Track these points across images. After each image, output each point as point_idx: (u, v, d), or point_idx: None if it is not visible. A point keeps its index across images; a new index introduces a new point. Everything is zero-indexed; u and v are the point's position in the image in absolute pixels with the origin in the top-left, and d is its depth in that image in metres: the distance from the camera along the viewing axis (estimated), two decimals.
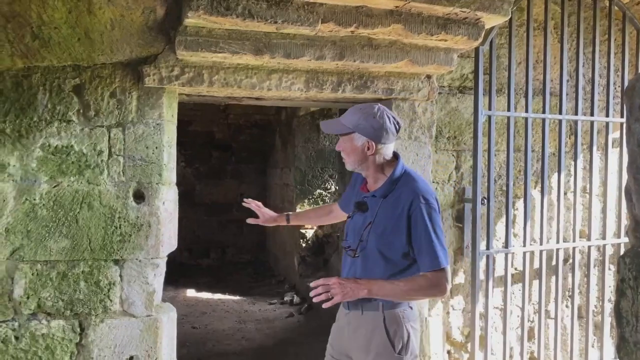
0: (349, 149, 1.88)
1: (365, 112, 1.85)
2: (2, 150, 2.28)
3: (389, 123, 1.85)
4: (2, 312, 2.30)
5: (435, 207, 1.81)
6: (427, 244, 1.76)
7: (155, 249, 2.43)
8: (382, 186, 1.87)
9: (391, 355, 1.81)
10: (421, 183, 1.85)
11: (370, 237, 1.84)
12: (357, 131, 1.85)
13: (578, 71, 3.01)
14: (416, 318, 1.90)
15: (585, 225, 3.27)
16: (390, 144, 1.89)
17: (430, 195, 1.83)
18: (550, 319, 3.25)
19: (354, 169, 1.94)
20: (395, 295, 1.78)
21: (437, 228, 1.79)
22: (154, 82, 2.38)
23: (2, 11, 2.09)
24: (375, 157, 1.87)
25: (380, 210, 1.84)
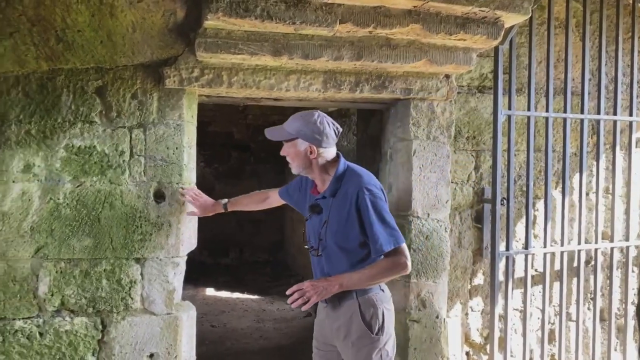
0: (293, 154, 2.05)
1: (306, 119, 2.01)
2: (27, 151, 2.33)
3: (329, 129, 2.01)
4: (27, 308, 2.35)
5: (379, 195, 1.96)
6: (371, 231, 1.92)
7: (175, 248, 2.47)
8: (329, 186, 2.03)
9: (369, 337, 1.97)
10: (365, 176, 2.00)
11: (327, 235, 2.01)
12: (299, 137, 2.01)
13: (600, 70, 2.96)
14: (389, 299, 2.06)
15: (607, 226, 3.21)
16: (331, 148, 2.04)
17: (374, 185, 1.98)
18: (571, 321, 3.21)
19: (299, 173, 2.10)
20: (363, 282, 1.94)
21: (383, 214, 1.93)
22: (174, 83, 2.41)
23: (28, 15, 2.15)
24: (318, 160, 2.03)
25: (332, 208, 2.01)
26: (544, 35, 2.91)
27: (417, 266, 2.81)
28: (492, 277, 2.82)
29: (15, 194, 2.32)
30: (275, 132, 2.09)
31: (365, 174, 2.02)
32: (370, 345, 1.98)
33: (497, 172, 2.76)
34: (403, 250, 1.94)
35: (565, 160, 2.91)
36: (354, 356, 2.00)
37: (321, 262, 2.08)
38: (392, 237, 1.93)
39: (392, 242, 1.92)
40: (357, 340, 1.98)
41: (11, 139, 2.32)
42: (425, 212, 2.80)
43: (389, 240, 1.92)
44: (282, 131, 2.06)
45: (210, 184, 7.63)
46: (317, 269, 2.11)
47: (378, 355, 1.98)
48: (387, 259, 1.94)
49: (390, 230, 1.93)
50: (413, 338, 2.80)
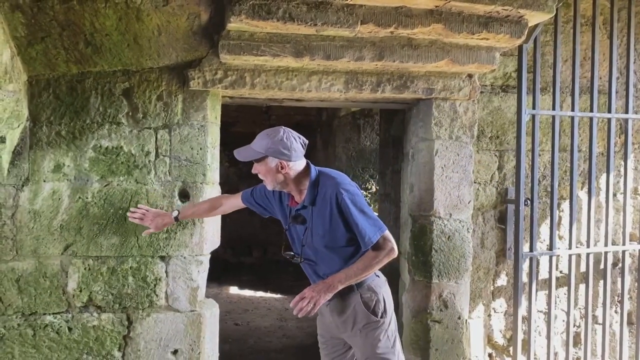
0: (265, 171, 2.10)
1: (272, 137, 2.06)
2: (57, 151, 2.41)
3: (296, 143, 2.08)
4: (57, 304, 2.43)
5: (355, 192, 2.05)
6: (357, 228, 2.00)
7: (199, 246, 2.51)
8: (307, 195, 2.09)
9: (375, 321, 2.08)
10: (338, 177, 2.08)
11: (314, 240, 2.09)
12: (269, 155, 2.05)
13: (629, 68, 2.90)
14: (384, 282, 2.17)
15: (635, 227, 3.14)
16: (300, 160, 2.10)
17: (348, 184, 2.06)
18: (597, 324, 3.15)
19: (274, 188, 2.14)
20: (360, 274, 2.01)
21: (363, 209, 2.02)
22: (199, 85, 2.46)
23: (58, 20, 2.22)
24: (290, 174, 2.08)
25: (314, 215, 2.08)
26: (570, 33, 2.87)
27: (439, 266, 2.80)
28: (515, 278, 2.79)
29: (46, 193, 2.40)
30: (244, 153, 2.13)
31: (338, 175, 2.11)
32: (377, 329, 2.08)
33: (520, 173, 2.72)
34: (387, 237, 2.03)
35: (592, 160, 2.86)
36: (363, 342, 2.10)
37: (312, 268, 2.17)
38: (376, 227, 2.01)
39: (377, 232, 2.01)
40: (364, 327, 2.08)
41: (42, 140, 2.40)
42: (447, 213, 2.79)
43: (375, 232, 2.00)
44: (250, 151, 2.10)
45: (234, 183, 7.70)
46: (312, 275, 2.19)
47: (385, 336, 2.09)
48: (375, 248, 2.02)
49: (373, 221, 2.02)
50: (434, 339, 2.79)
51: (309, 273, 2.21)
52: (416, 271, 2.86)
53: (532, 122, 2.77)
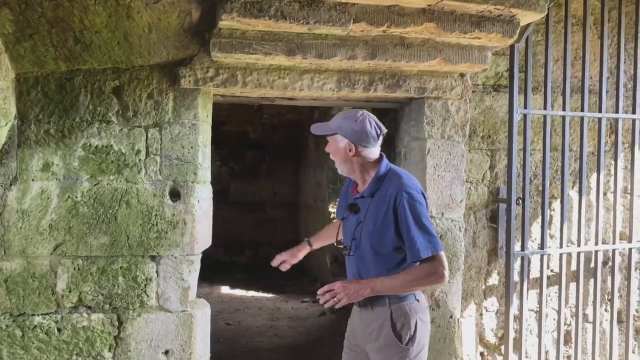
0: (334, 150, 2.03)
1: (348, 116, 1.99)
2: (46, 150, 2.38)
3: (370, 127, 1.97)
4: (46, 304, 2.40)
5: (418, 199, 1.90)
6: (408, 236, 1.86)
7: (190, 246, 2.49)
8: (369, 186, 1.99)
9: (398, 346, 1.91)
10: (405, 178, 1.96)
11: (362, 235, 1.97)
12: (339, 133, 1.98)
13: (619, 68, 2.92)
14: (424, 310, 1.99)
15: (625, 226, 3.17)
16: (373, 147, 2.00)
17: (413, 188, 1.92)
18: (588, 322, 3.17)
19: (342, 172, 2.06)
20: (396, 288, 1.88)
21: (421, 219, 1.87)
22: (190, 83, 2.44)
23: (47, 17, 2.19)
24: (359, 159, 1.99)
25: (369, 209, 1.96)
26: (561, 33, 2.88)
27: None
28: (507, 277, 2.80)
29: (35, 192, 2.37)
30: (319, 127, 2.08)
31: (406, 177, 1.98)
32: (398, 355, 1.91)
33: (512, 172, 2.73)
34: (441, 259, 1.87)
35: (583, 159, 2.87)
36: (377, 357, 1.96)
37: (354, 264, 2.04)
38: (431, 244, 1.85)
39: (431, 248, 1.85)
40: (385, 347, 1.93)
41: (30, 139, 2.37)
42: (439, 212, 2.79)
43: (427, 247, 1.85)
44: (324, 126, 2.05)
45: (225, 182, 7.68)
46: (350, 270, 2.07)
47: None
48: (423, 266, 1.86)
49: (429, 237, 1.86)
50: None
51: (348, 268, 2.08)
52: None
53: (523, 122, 2.78)
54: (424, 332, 1.96)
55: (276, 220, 7.87)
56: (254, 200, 7.80)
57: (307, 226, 7.35)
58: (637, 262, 3.24)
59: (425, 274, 1.86)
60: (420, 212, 1.88)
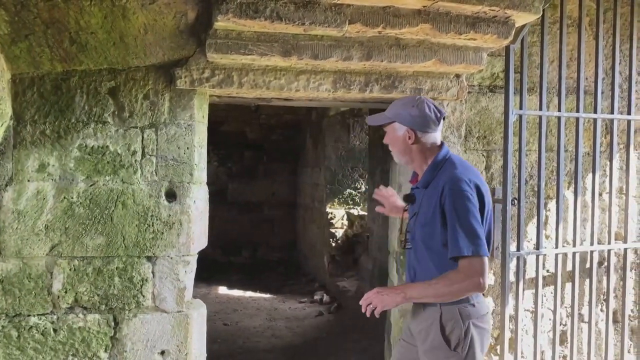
0: (392, 140, 1.94)
1: (404, 102, 1.92)
2: (42, 151, 2.38)
3: (429, 111, 1.88)
4: (42, 305, 2.40)
5: (467, 194, 1.76)
6: (450, 232, 1.75)
7: (186, 246, 2.50)
8: (423, 176, 1.90)
9: (446, 350, 1.82)
10: (459, 168, 1.83)
11: (416, 228, 1.89)
12: (396, 120, 1.90)
13: (614, 69, 2.93)
14: (482, 316, 1.86)
15: (621, 227, 3.18)
16: (433, 133, 1.90)
17: (465, 181, 1.78)
18: (583, 322, 3.17)
19: (399, 161, 1.98)
20: (430, 296, 1.79)
21: (466, 215, 1.73)
22: (186, 84, 2.44)
23: (42, 18, 2.19)
24: (418, 147, 1.89)
25: (423, 200, 1.87)
26: (557, 34, 2.89)
27: None
28: (502, 277, 2.80)
29: (30, 193, 2.38)
30: (375, 118, 2.00)
31: (461, 166, 1.85)
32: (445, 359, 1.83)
33: (508, 172, 2.74)
34: (480, 264, 1.72)
35: (578, 160, 2.88)
36: None
37: (410, 258, 1.97)
38: (472, 245, 1.71)
39: (469, 248, 1.71)
40: (433, 350, 1.84)
41: (26, 139, 2.37)
42: None
43: (467, 246, 1.71)
44: (380, 116, 1.97)
45: (223, 183, 7.69)
46: (408, 265, 1.99)
47: None
48: (459, 270, 1.74)
49: (472, 237, 1.72)
50: None
51: (408, 265, 1.99)
52: (403, 270, 2.86)
53: (519, 122, 2.79)
54: (478, 338, 1.83)
55: (274, 220, 7.89)
56: (251, 201, 7.81)
57: (304, 226, 7.36)
58: (633, 262, 3.25)
59: (460, 280, 1.73)
60: (467, 208, 1.74)
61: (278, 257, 7.72)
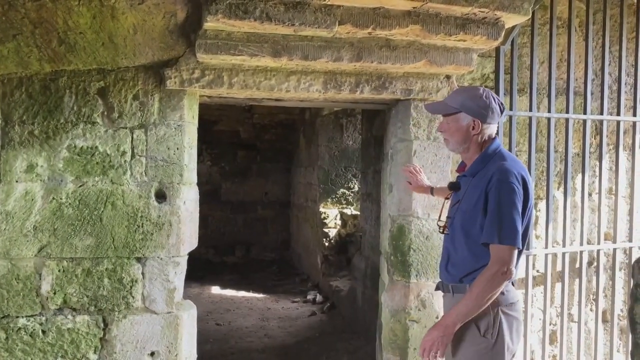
0: (454, 129, 1.94)
1: (471, 93, 1.92)
2: (30, 151, 2.37)
3: (495, 103, 1.91)
4: (30, 306, 2.39)
5: (513, 186, 1.79)
6: (490, 218, 1.79)
7: (176, 247, 2.49)
8: (472, 165, 1.94)
9: (475, 336, 1.84)
10: (509, 161, 1.87)
11: (457, 215, 1.93)
12: (463, 110, 1.91)
13: (604, 70, 2.95)
14: (512, 304, 1.88)
15: (610, 227, 3.19)
16: (494, 125, 1.94)
17: (512, 174, 1.81)
18: (573, 322, 3.19)
19: (454, 150, 2.00)
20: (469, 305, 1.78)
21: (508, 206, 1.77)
22: (175, 84, 2.44)
23: (30, 18, 2.17)
24: (479, 137, 1.92)
25: (468, 188, 1.91)
26: (547, 35, 2.90)
27: (417, 266, 2.81)
28: None
29: (19, 194, 2.36)
30: (437, 106, 2.02)
31: (511, 159, 1.89)
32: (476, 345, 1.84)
33: None
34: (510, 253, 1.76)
35: (568, 160, 2.89)
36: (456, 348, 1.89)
37: (446, 243, 2.00)
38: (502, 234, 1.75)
39: (496, 237, 1.75)
40: (463, 335, 1.85)
41: (15, 140, 2.36)
42: (425, 213, 2.80)
43: (494, 235, 1.76)
44: (444, 105, 1.97)
45: (216, 182, 7.67)
46: (444, 250, 2.02)
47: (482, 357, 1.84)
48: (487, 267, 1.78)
49: (508, 229, 1.75)
50: (413, 338, 2.80)
51: (444, 252, 2.02)
52: (395, 271, 2.87)
53: (509, 123, 2.80)
54: (507, 326, 1.85)
55: (267, 220, 7.88)
56: (245, 200, 7.80)
57: (298, 226, 7.36)
58: (622, 262, 3.27)
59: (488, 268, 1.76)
60: (510, 200, 1.78)
61: (271, 257, 7.71)
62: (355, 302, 4.66)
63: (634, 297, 1.31)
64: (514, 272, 1.78)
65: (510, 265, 1.75)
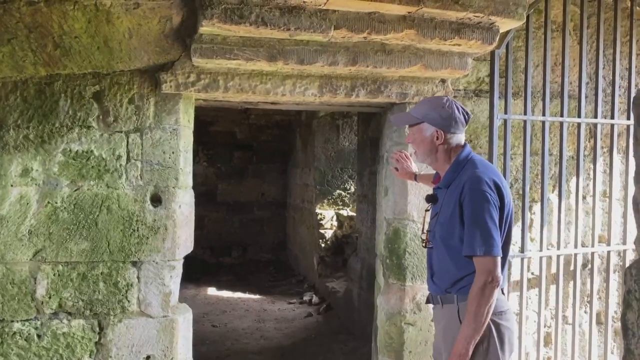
0: (419, 140, 1.94)
1: (433, 103, 1.92)
2: (26, 155, 2.37)
3: (458, 113, 1.90)
4: (26, 311, 2.39)
5: (486, 194, 1.77)
6: (467, 230, 1.77)
7: (171, 251, 2.49)
8: (445, 176, 1.92)
9: None
10: (480, 168, 1.85)
11: (436, 227, 1.91)
12: (425, 121, 1.90)
13: (598, 73, 2.96)
14: (502, 312, 1.84)
15: (605, 229, 3.21)
16: (460, 134, 1.93)
17: (484, 181, 1.79)
18: (567, 324, 3.21)
19: (423, 161, 2.00)
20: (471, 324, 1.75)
21: (482, 214, 1.76)
22: (171, 88, 2.44)
23: (25, 22, 2.17)
24: (444, 147, 1.91)
25: (444, 199, 1.90)
26: (541, 39, 2.91)
27: (412, 269, 2.82)
28: None
29: (14, 198, 2.36)
30: (401, 118, 2.03)
31: (482, 166, 1.87)
32: None
33: None
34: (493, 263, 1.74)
35: (562, 163, 2.91)
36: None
37: (429, 257, 1.98)
38: (482, 245, 1.74)
39: (478, 249, 1.74)
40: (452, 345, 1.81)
41: (9, 144, 2.35)
42: (421, 216, 2.81)
43: (475, 247, 1.74)
44: (407, 116, 1.98)
45: (212, 183, 7.66)
46: (428, 263, 2.01)
47: None
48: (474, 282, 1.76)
49: (484, 238, 1.74)
50: (408, 341, 2.81)
51: (427, 265, 2.00)
52: (390, 274, 2.88)
53: (504, 127, 2.81)
54: (498, 336, 1.81)
55: (263, 221, 7.88)
56: (241, 201, 7.80)
57: (294, 227, 7.36)
58: (616, 265, 3.29)
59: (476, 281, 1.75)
60: (483, 209, 1.76)
61: (267, 258, 7.72)
62: (351, 304, 4.67)
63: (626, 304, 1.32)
64: (501, 278, 1.76)
65: (496, 273, 1.74)
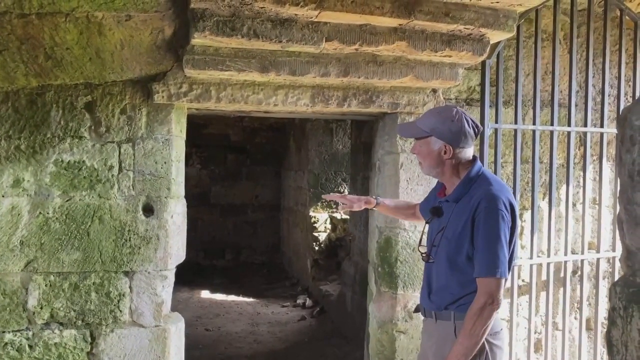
0: (425, 153, 1.85)
1: (442, 115, 1.82)
2: (17, 166, 2.37)
3: (468, 127, 1.81)
4: (17, 321, 2.39)
5: (501, 213, 1.72)
6: (479, 250, 1.72)
7: (163, 261, 2.50)
8: (455, 190, 1.84)
9: None
10: (495, 185, 1.79)
11: (442, 242, 1.83)
12: (434, 135, 1.81)
13: (588, 82, 2.98)
14: (496, 333, 1.81)
15: (594, 237, 3.24)
16: (469, 148, 1.85)
17: (500, 199, 1.74)
18: (558, 330, 3.24)
19: (428, 174, 1.92)
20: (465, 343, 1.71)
21: (496, 234, 1.71)
22: (163, 98, 2.44)
23: (17, 34, 2.17)
24: (452, 161, 1.83)
25: (452, 214, 1.82)
26: (532, 48, 2.93)
27: (404, 278, 2.84)
28: None
29: (5, 209, 2.36)
30: (407, 129, 1.95)
31: (497, 183, 1.80)
32: None
33: None
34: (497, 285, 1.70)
35: (553, 171, 2.93)
36: None
37: (429, 272, 1.91)
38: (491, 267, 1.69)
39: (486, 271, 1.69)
40: None
41: (1, 155, 2.35)
42: (412, 224, 2.83)
43: (485, 269, 1.69)
44: (414, 128, 1.87)
45: (206, 186, 7.66)
46: (425, 279, 1.93)
47: None
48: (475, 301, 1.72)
49: (493, 259, 1.69)
50: (400, 349, 2.83)
51: (425, 280, 1.93)
52: (382, 282, 2.90)
53: (494, 135, 2.83)
54: (490, 355, 1.77)
55: (257, 223, 7.88)
56: (235, 204, 7.79)
57: (288, 230, 7.37)
58: (605, 271, 3.32)
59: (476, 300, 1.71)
60: (499, 230, 1.70)
61: (261, 261, 7.72)
62: (344, 307, 4.69)
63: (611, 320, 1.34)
64: (501, 301, 1.72)
65: (498, 296, 1.70)
